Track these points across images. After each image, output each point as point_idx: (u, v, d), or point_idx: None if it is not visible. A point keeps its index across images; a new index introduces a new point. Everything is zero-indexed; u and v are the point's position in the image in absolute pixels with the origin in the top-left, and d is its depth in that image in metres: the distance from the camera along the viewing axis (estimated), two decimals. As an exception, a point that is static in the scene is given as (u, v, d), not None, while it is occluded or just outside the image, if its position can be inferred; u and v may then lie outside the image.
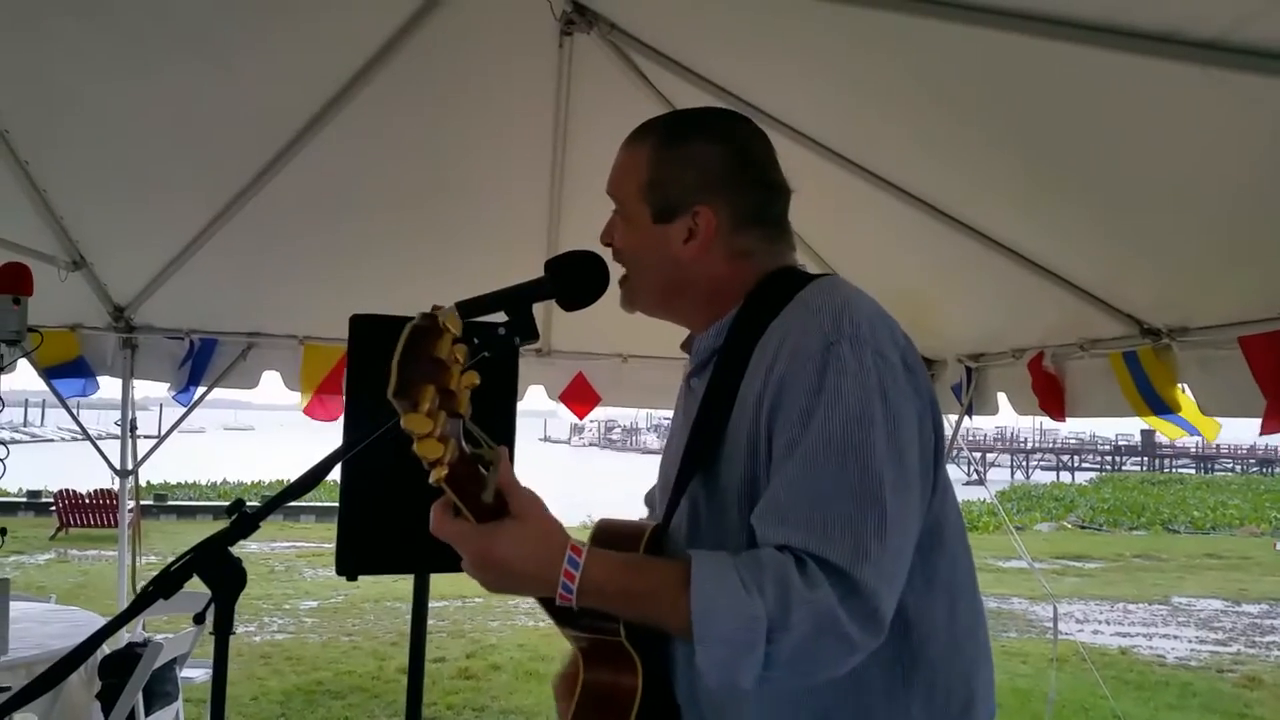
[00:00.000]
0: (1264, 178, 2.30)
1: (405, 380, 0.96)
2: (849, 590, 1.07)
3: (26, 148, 3.54)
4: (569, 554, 1.09)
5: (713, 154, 1.36)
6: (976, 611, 1.33)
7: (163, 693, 4.13)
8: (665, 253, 1.35)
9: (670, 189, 1.35)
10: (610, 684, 1.29)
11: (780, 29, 2.75)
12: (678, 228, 1.34)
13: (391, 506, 2.16)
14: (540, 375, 5.20)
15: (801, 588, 1.06)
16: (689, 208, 1.34)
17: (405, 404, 0.96)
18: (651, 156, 1.37)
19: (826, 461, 1.12)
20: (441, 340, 0.98)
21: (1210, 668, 9.39)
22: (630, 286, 1.41)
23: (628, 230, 1.39)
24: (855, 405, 1.14)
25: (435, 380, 0.97)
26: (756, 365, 1.24)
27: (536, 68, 3.33)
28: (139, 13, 2.96)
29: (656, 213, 1.35)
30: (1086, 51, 2.07)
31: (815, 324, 1.20)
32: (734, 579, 1.07)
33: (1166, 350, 3.30)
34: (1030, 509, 27.15)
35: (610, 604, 1.16)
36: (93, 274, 4.38)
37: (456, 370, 1.00)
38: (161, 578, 1.03)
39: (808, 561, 1.08)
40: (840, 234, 3.98)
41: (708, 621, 1.06)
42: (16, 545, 14.76)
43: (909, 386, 1.20)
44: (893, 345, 1.21)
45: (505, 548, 1.08)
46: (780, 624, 1.05)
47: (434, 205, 4.08)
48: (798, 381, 1.17)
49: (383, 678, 7.87)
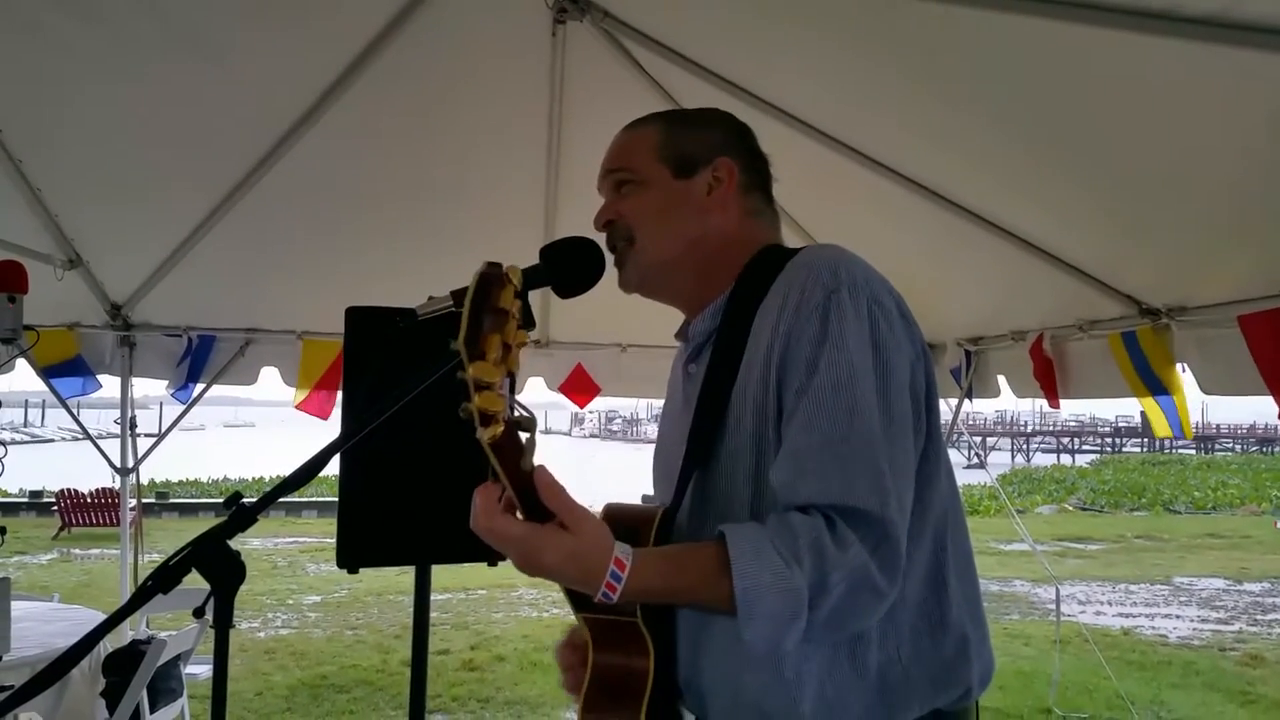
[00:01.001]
0: (1263, 155, 2.29)
1: (475, 328, 0.95)
2: (880, 537, 1.12)
3: (21, 146, 3.53)
4: (611, 568, 1.10)
5: (720, 126, 1.46)
6: (969, 558, 1.35)
7: (167, 689, 4.14)
8: (687, 206, 1.38)
9: (688, 145, 1.41)
10: (622, 667, 1.29)
11: (773, 13, 2.74)
12: (700, 180, 1.39)
13: (391, 498, 2.16)
14: (539, 367, 5.20)
15: (835, 552, 1.10)
16: (711, 160, 1.39)
17: (473, 352, 0.94)
18: (660, 128, 1.44)
19: (836, 406, 1.16)
20: (505, 291, 0.97)
21: (1212, 647, 9.42)
22: (635, 254, 1.40)
23: (641, 193, 1.40)
24: (856, 350, 1.18)
25: (500, 331, 0.96)
26: (759, 330, 1.27)
27: (530, 57, 3.31)
28: (132, 10, 2.95)
29: (677, 168, 1.39)
30: (1083, 29, 2.05)
31: (814, 278, 1.24)
32: (771, 554, 1.10)
33: (1165, 330, 3.30)
34: (1031, 492, 27.21)
35: (651, 601, 1.21)
36: (89, 272, 4.37)
37: (514, 324, 0.99)
38: (160, 572, 1.03)
39: (836, 520, 1.12)
40: (837, 218, 3.97)
41: (752, 601, 1.09)
42: (19, 545, 14.78)
43: (904, 334, 1.24)
44: (887, 293, 1.26)
45: (551, 557, 1.09)
46: (820, 590, 1.09)
47: (430, 197, 4.06)
48: (804, 333, 1.20)
49: (387, 671, 7.89)
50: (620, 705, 1.29)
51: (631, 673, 1.28)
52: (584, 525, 1.10)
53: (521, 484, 1.06)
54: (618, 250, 1.41)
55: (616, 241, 1.41)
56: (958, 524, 1.33)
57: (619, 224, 1.41)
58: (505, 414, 0.98)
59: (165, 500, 21.53)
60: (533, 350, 5.06)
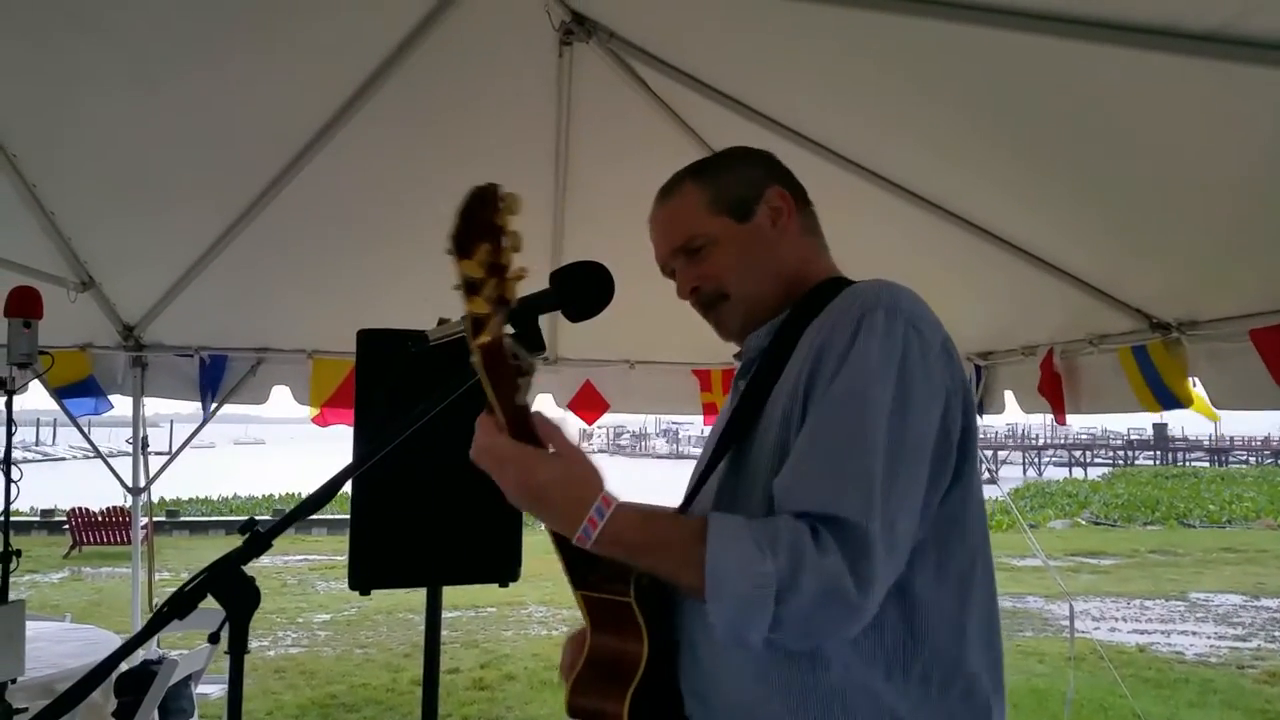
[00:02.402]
0: (1270, 169, 2.29)
1: (464, 230, 1.00)
2: (860, 550, 1.10)
3: (35, 171, 3.57)
4: (598, 503, 1.13)
5: (748, 160, 1.48)
6: (992, 611, 1.32)
7: (178, 709, 4.14)
8: (763, 244, 1.41)
9: (737, 188, 1.42)
10: (616, 650, 1.29)
11: (780, 32, 2.76)
12: (761, 217, 1.41)
13: (402, 520, 2.17)
14: (548, 384, 5.21)
15: (813, 553, 1.09)
16: (761, 196, 1.41)
17: (460, 250, 1.00)
18: (696, 186, 1.44)
19: (844, 417, 1.17)
20: (500, 212, 1.01)
21: (1230, 664, 9.31)
22: (732, 306, 1.43)
23: (717, 252, 1.41)
24: (878, 365, 1.18)
25: (491, 242, 1.00)
26: (800, 350, 1.29)
27: (538, 78, 3.34)
28: (144, 34, 2.99)
29: (735, 214, 1.40)
30: (1089, 48, 2.07)
31: (857, 299, 1.26)
32: (748, 538, 1.11)
33: (1176, 344, 3.29)
34: (1043, 506, 27.01)
35: (626, 553, 1.19)
36: (101, 294, 4.41)
37: (510, 250, 1.02)
38: (175, 598, 1.04)
39: (821, 530, 1.11)
40: (846, 235, 3.94)
41: (720, 577, 1.09)
42: (30, 564, 14.81)
43: (940, 365, 1.23)
44: (932, 326, 1.25)
45: (545, 475, 1.13)
46: (790, 586, 1.08)
47: (438, 217, 4.07)
48: (833, 348, 1.21)
49: (397, 690, 7.87)
50: (608, 689, 1.29)
51: (624, 656, 1.28)
52: (578, 456, 1.15)
53: (516, 416, 1.11)
54: (713, 308, 1.44)
55: (709, 303, 1.44)
56: (985, 580, 1.30)
57: (704, 288, 1.43)
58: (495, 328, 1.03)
59: (176, 518, 21.55)
60: (541, 367, 5.07)
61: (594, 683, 1.31)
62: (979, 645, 1.28)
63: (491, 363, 1.06)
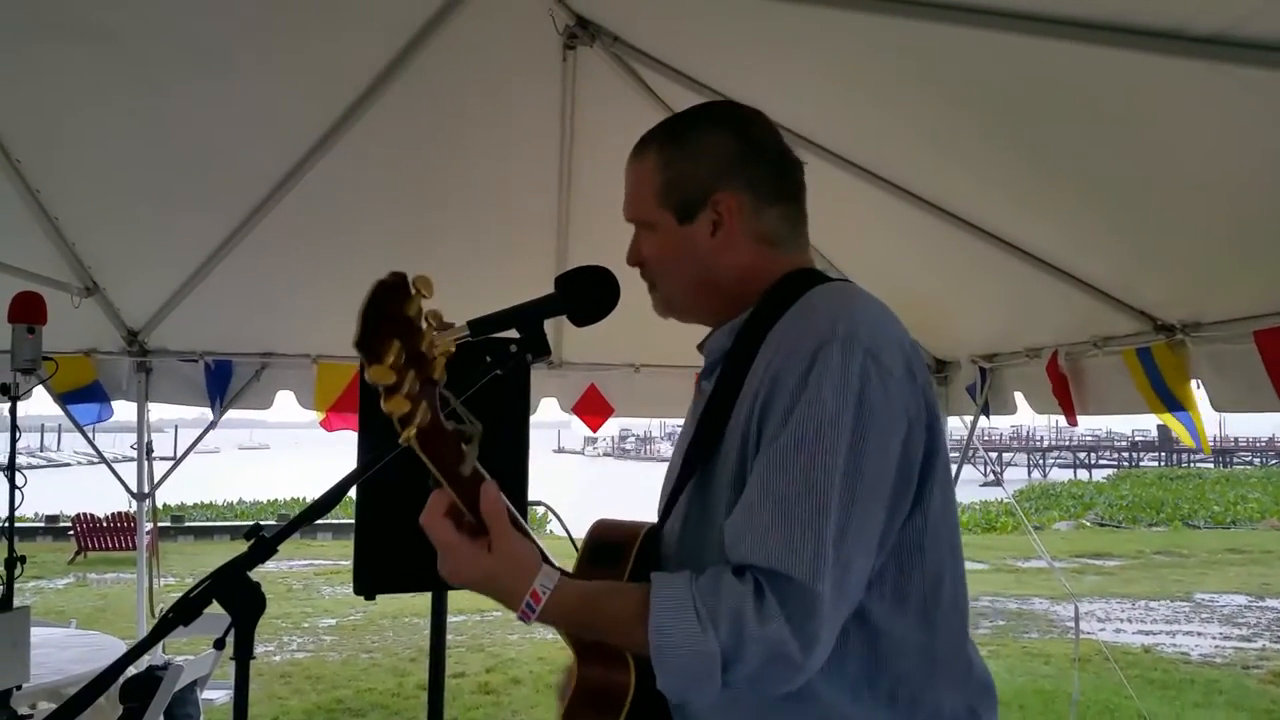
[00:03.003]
0: (1275, 171, 2.29)
1: (369, 332, 0.96)
2: (807, 611, 1.09)
3: (38, 176, 3.58)
4: (528, 599, 1.13)
5: (718, 139, 1.37)
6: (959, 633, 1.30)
7: (184, 715, 4.14)
8: (693, 252, 1.36)
9: (685, 186, 1.35)
10: (603, 680, 1.28)
11: (784, 35, 2.76)
12: (701, 224, 1.34)
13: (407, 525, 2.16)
14: (552, 387, 5.22)
15: (754, 625, 1.08)
16: (707, 200, 1.34)
17: (369, 355, 0.96)
18: (658, 160, 1.38)
19: (794, 465, 1.13)
20: (410, 300, 0.99)
21: (1235, 664, 9.28)
22: (659, 295, 1.42)
23: (654, 240, 1.39)
24: (832, 408, 1.13)
25: (402, 337, 0.98)
26: (757, 365, 1.25)
27: (541, 82, 3.34)
28: (148, 40, 3.00)
29: (678, 214, 1.36)
30: (1092, 50, 2.07)
31: (812, 324, 1.20)
32: (690, 614, 1.10)
33: (1180, 346, 3.28)
34: (1048, 508, 26.97)
35: (571, 632, 1.23)
36: (106, 299, 4.42)
37: (429, 334, 1.01)
38: (181, 604, 1.03)
39: (766, 589, 1.10)
40: (851, 239, 3.97)
41: (664, 655, 1.10)
42: (35, 570, 14.82)
43: (901, 394, 1.18)
44: (894, 350, 1.19)
45: (470, 573, 1.14)
46: (733, 657, 1.08)
47: (442, 222, 4.10)
48: (786, 380, 1.17)
49: (403, 694, 7.87)
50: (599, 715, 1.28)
51: (612, 686, 1.28)
52: (505, 549, 1.13)
53: (463, 490, 1.10)
54: (651, 288, 1.44)
55: (648, 281, 1.43)
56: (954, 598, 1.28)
57: (644, 267, 1.42)
58: (422, 419, 1.01)
59: (180, 524, 21.57)
60: (546, 371, 5.08)
61: (585, 713, 1.31)
62: (948, 667, 1.26)
63: (426, 444, 1.04)
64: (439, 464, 1.07)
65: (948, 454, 1.29)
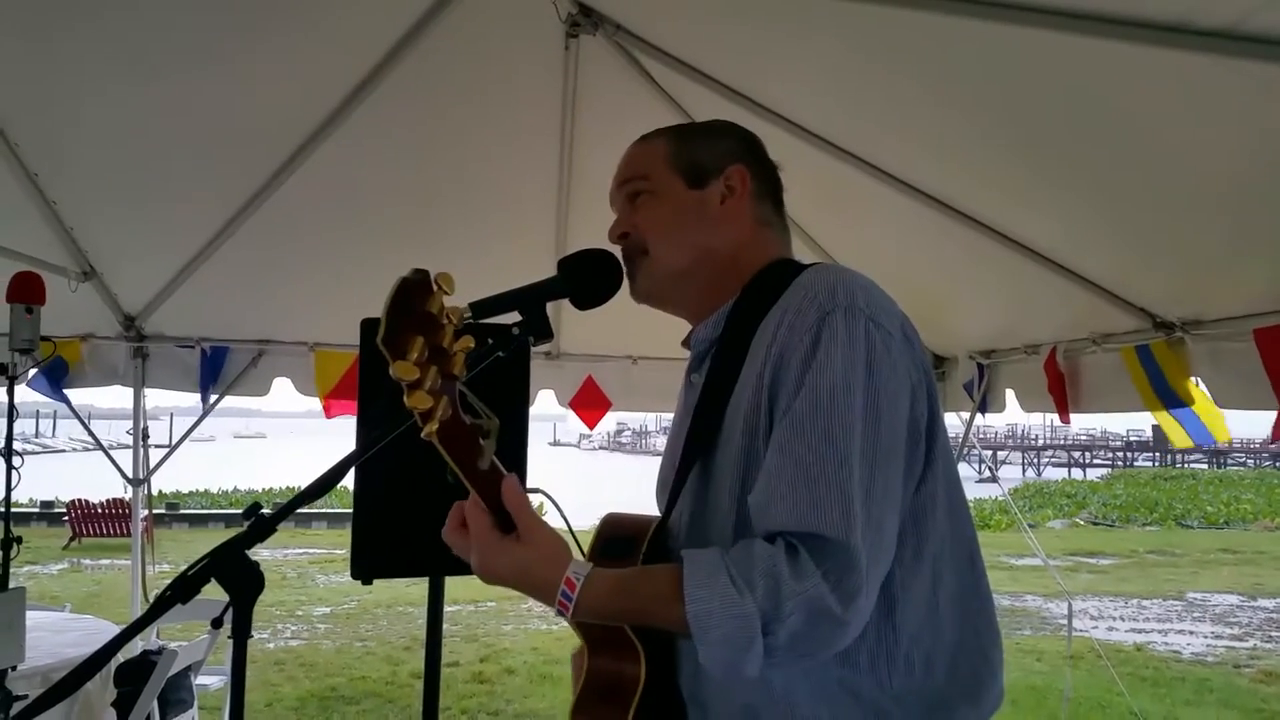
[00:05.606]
0: (1276, 167, 2.28)
1: (394, 329, 0.97)
2: (844, 566, 1.09)
3: (37, 159, 3.56)
4: (563, 587, 1.13)
5: (729, 136, 1.46)
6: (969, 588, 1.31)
7: (177, 700, 4.14)
8: (698, 216, 1.38)
9: (700, 155, 1.41)
10: (614, 672, 1.29)
11: (786, 27, 2.75)
12: (713, 190, 1.39)
13: (405, 510, 2.16)
14: (550, 379, 5.21)
15: (790, 580, 1.08)
16: (721, 170, 1.40)
17: (393, 351, 0.97)
18: (670, 139, 1.44)
19: (813, 430, 1.14)
20: (433, 297, 1.00)
21: (1226, 663, 9.32)
22: (649, 265, 1.40)
23: (655, 204, 1.40)
24: (842, 372, 1.16)
25: (425, 333, 0.99)
26: (757, 347, 1.27)
27: (543, 70, 3.33)
28: (146, 24, 2.97)
29: (689, 178, 1.39)
30: (1095, 43, 2.06)
31: (811, 298, 1.23)
32: (724, 580, 1.10)
33: (1180, 343, 3.28)
34: (1042, 506, 27.01)
35: (608, 620, 1.22)
36: (103, 284, 4.40)
37: (449, 330, 1.01)
38: (179, 582, 1.03)
39: (799, 549, 1.10)
40: (850, 231, 3.97)
41: (704, 626, 1.09)
42: (30, 555, 14.81)
43: (903, 357, 1.22)
44: (889, 315, 1.23)
45: (505, 568, 1.14)
46: (773, 617, 1.08)
47: (443, 208, 4.08)
48: (795, 355, 1.19)
49: (396, 683, 7.88)
50: (609, 707, 1.29)
51: (623, 677, 1.29)
52: (538, 540, 1.13)
53: (483, 486, 1.10)
54: (633, 260, 1.41)
55: (631, 253, 1.41)
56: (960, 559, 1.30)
57: (634, 236, 1.41)
58: (443, 414, 1.01)
59: (176, 511, 21.55)
60: (543, 362, 5.07)
61: (596, 704, 1.31)
62: (952, 617, 1.28)
63: (446, 440, 1.05)
64: (459, 459, 1.07)
65: (944, 418, 1.31)
